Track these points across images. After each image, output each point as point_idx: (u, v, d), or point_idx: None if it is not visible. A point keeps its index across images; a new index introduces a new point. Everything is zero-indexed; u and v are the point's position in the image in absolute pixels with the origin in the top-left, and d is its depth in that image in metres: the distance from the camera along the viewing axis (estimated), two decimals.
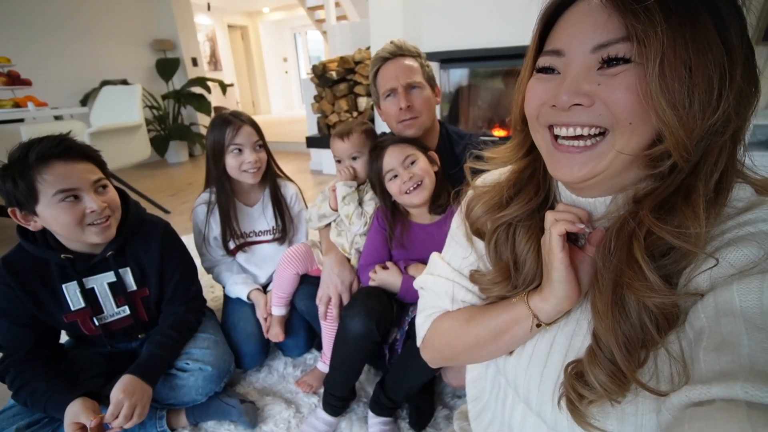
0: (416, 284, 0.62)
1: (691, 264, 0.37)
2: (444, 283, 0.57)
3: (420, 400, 1.03)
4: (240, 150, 1.14)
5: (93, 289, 0.98)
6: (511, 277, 0.49)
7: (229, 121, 1.13)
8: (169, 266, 1.06)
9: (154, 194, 3.04)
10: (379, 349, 1.03)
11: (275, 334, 1.17)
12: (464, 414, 0.77)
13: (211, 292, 1.67)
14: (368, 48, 3.20)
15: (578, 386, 0.41)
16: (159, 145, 4.08)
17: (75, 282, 0.94)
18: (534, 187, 0.49)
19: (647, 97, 0.33)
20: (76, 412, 0.82)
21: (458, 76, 2.87)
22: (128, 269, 1.02)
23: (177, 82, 4.47)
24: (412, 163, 0.97)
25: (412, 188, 0.95)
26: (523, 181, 0.50)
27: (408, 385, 0.92)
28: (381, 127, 1.18)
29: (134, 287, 1.03)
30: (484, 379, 0.67)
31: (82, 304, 0.96)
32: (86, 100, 3.73)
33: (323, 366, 1.14)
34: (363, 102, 3.20)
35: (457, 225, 0.58)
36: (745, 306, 0.30)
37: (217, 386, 1.03)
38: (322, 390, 1.09)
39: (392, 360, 1.01)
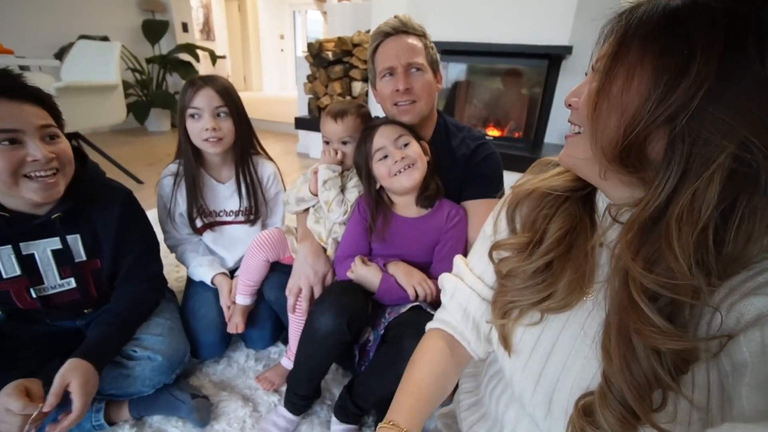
0: (440, 283, 0.65)
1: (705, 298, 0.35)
2: (464, 291, 0.60)
3: (386, 405, 0.96)
4: (198, 115, 1.02)
5: (33, 255, 0.86)
6: (526, 250, 0.50)
7: (192, 82, 1.03)
8: (127, 239, 0.95)
9: (129, 162, 2.86)
10: (348, 349, 0.95)
11: (235, 325, 1.08)
12: (448, 415, 0.74)
13: (176, 272, 1.55)
14: (368, 31, 3.08)
15: (586, 427, 0.41)
16: (139, 111, 3.86)
17: (9, 246, 0.82)
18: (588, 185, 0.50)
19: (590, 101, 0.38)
20: (21, 385, 0.71)
21: (458, 70, 2.78)
22: (78, 237, 0.90)
23: (164, 48, 4.23)
24: (406, 144, 0.90)
25: (403, 169, 0.87)
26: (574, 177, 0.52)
27: (379, 393, 0.84)
28: (375, 111, 1.09)
29: (84, 257, 0.92)
30: (481, 375, 0.68)
31: (18, 272, 0.84)
32: (62, 55, 3.47)
33: (287, 362, 1.06)
34: (358, 87, 3.08)
35: (491, 232, 0.59)
36: None
37: (167, 378, 0.93)
38: (284, 388, 1.01)
39: (362, 362, 0.94)
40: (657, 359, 0.35)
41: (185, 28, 4.47)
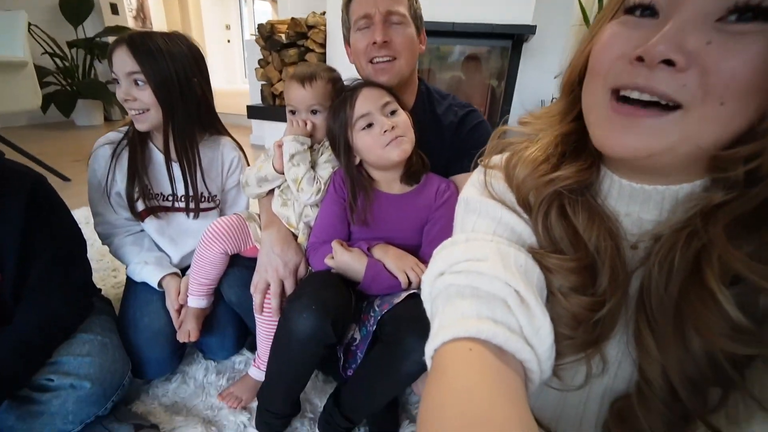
0: (439, 261, 0.38)
1: None
2: (517, 256, 0.36)
3: (380, 414, 0.83)
4: (117, 81, 0.83)
5: None
6: (586, 272, 0.37)
7: (116, 39, 0.83)
8: (37, 237, 0.74)
9: (52, 158, 2.47)
10: (331, 351, 0.81)
11: (187, 332, 0.88)
12: None
13: (113, 278, 1.31)
14: (323, 13, 2.89)
15: None
16: (63, 102, 3.37)
17: None
18: (588, 155, 0.39)
19: None
20: None
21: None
22: None
23: (90, 31, 3.74)
24: (393, 112, 0.77)
25: (392, 139, 0.74)
26: (571, 145, 0.40)
27: (374, 402, 0.71)
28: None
29: None
30: None
31: None
32: None
33: (257, 372, 0.89)
34: None
35: (479, 194, 0.44)
36: None
37: (100, 408, 0.73)
38: (254, 404, 0.84)
39: (348, 366, 0.79)
40: (716, 356, 0.30)
41: (114, 9, 4.01)
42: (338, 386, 0.81)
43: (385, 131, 0.74)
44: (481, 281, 0.33)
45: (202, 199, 0.99)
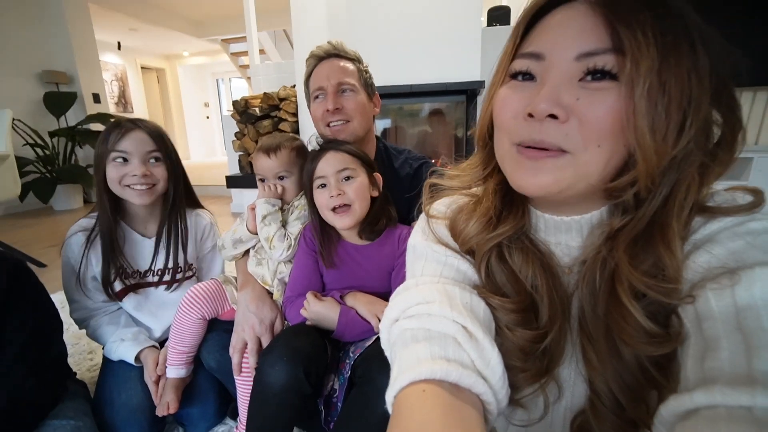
0: (392, 313, 0.40)
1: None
2: (462, 295, 0.40)
3: None
4: (125, 159, 0.89)
5: None
6: (527, 309, 0.41)
7: (118, 124, 0.91)
8: (12, 320, 0.76)
9: (28, 246, 2.48)
10: (310, 404, 0.81)
11: (166, 405, 0.87)
12: None
13: (89, 360, 1.28)
14: (293, 86, 3.14)
15: None
16: (42, 189, 3.42)
17: None
18: (520, 204, 0.43)
19: (629, 117, 0.32)
20: None
21: (385, 114, 2.91)
22: None
23: (72, 119, 3.91)
24: (348, 178, 0.83)
25: (338, 206, 0.80)
26: (504, 198, 0.44)
27: None
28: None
29: None
30: None
31: None
32: None
33: None
34: None
35: (425, 239, 0.46)
36: (721, 307, 0.29)
37: None
38: None
39: (330, 418, 0.79)
40: (646, 358, 0.34)
41: (97, 99, 4.21)
42: None
43: (331, 196, 0.80)
44: (431, 322, 0.35)
45: (179, 270, 1.02)
